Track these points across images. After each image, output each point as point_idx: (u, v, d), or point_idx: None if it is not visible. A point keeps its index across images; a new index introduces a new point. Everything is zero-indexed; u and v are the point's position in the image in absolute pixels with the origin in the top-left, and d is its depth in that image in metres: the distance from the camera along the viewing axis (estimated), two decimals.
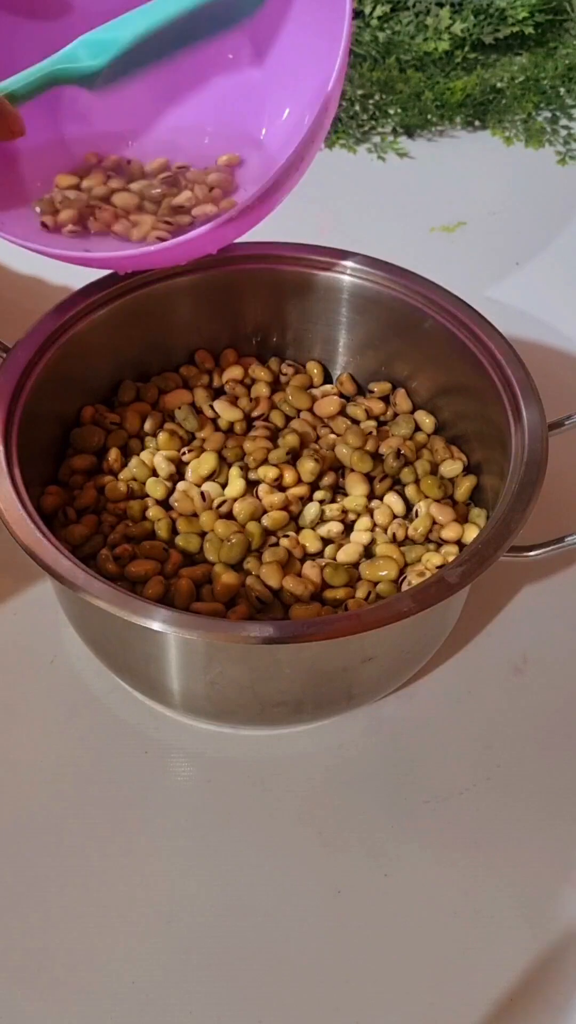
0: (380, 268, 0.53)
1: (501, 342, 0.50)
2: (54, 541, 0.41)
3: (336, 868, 0.45)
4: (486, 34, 0.81)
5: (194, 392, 0.54)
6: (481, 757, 0.48)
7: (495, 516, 0.43)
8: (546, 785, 0.48)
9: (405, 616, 0.40)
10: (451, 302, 0.51)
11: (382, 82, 0.79)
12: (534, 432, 0.46)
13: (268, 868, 0.45)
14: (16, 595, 0.53)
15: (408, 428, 0.54)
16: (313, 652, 0.42)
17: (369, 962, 0.43)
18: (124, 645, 0.45)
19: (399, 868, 0.45)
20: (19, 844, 0.45)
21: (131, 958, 0.42)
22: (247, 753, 0.48)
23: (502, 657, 0.52)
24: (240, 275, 0.53)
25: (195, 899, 0.44)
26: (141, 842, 0.45)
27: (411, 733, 0.49)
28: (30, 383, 0.47)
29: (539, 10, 0.81)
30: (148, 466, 0.51)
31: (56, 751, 0.48)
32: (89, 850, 0.45)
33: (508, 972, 0.42)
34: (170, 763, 0.48)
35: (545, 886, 0.45)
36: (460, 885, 0.45)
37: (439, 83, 0.79)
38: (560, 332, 0.67)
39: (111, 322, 0.51)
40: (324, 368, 0.57)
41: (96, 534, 0.48)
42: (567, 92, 0.82)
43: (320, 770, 0.48)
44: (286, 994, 0.42)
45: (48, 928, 0.43)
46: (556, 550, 0.46)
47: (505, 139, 0.81)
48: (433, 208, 0.76)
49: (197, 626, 0.39)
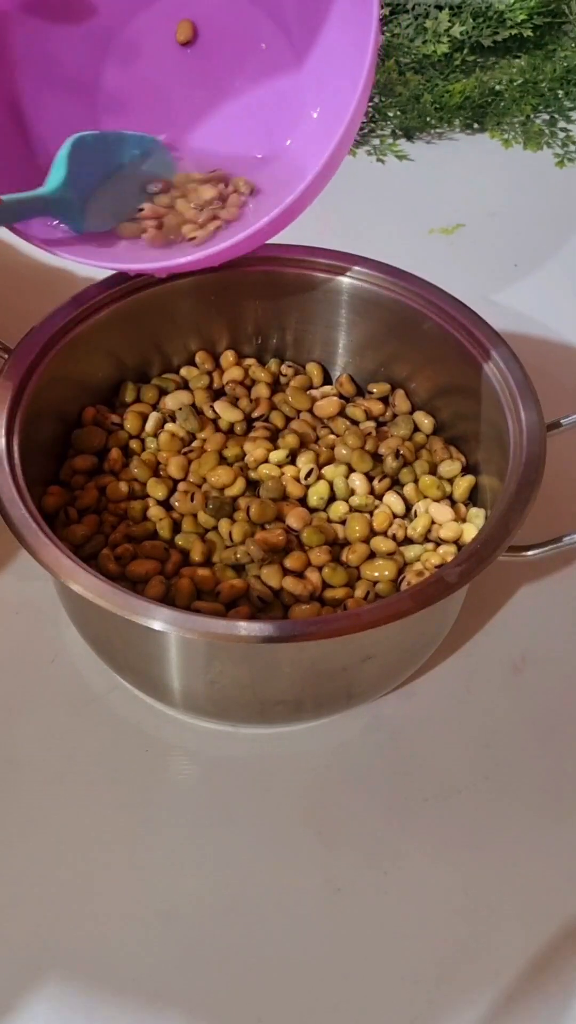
0: (379, 270, 0.53)
1: (499, 343, 0.50)
2: (56, 541, 0.42)
3: (336, 867, 0.45)
4: (485, 37, 0.81)
5: (194, 393, 0.55)
6: (480, 756, 0.48)
7: (493, 516, 0.44)
8: (545, 784, 0.48)
9: (404, 615, 0.40)
10: (450, 304, 0.52)
11: (381, 84, 0.80)
12: (532, 432, 0.46)
13: (268, 866, 0.45)
14: (17, 595, 0.53)
15: (407, 429, 0.54)
16: (313, 651, 0.42)
17: (369, 961, 0.43)
18: (125, 644, 0.45)
19: (399, 867, 0.45)
20: (19, 843, 0.45)
21: (131, 958, 0.43)
22: (247, 752, 0.48)
23: (501, 656, 0.52)
24: (240, 277, 0.54)
25: (195, 898, 0.44)
26: (141, 840, 0.46)
27: (410, 732, 0.49)
28: (32, 384, 0.48)
29: (538, 13, 0.82)
30: (149, 466, 0.51)
31: (57, 750, 0.48)
32: (89, 849, 0.45)
33: (508, 971, 0.43)
34: (171, 762, 0.48)
35: (544, 885, 0.45)
36: (460, 884, 0.45)
37: (438, 86, 0.80)
38: (558, 333, 0.67)
39: (112, 324, 0.52)
40: (324, 369, 0.57)
41: (97, 534, 0.48)
42: (565, 95, 0.82)
43: (320, 768, 0.48)
44: (286, 993, 0.42)
45: (48, 927, 0.43)
46: (554, 549, 0.46)
47: (504, 141, 0.81)
48: (432, 210, 0.76)
49: (198, 626, 0.39)
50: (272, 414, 0.54)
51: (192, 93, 0.53)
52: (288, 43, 0.51)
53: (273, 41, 0.51)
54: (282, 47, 0.51)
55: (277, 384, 0.56)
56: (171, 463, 0.51)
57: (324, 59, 0.49)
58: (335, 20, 0.48)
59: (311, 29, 0.49)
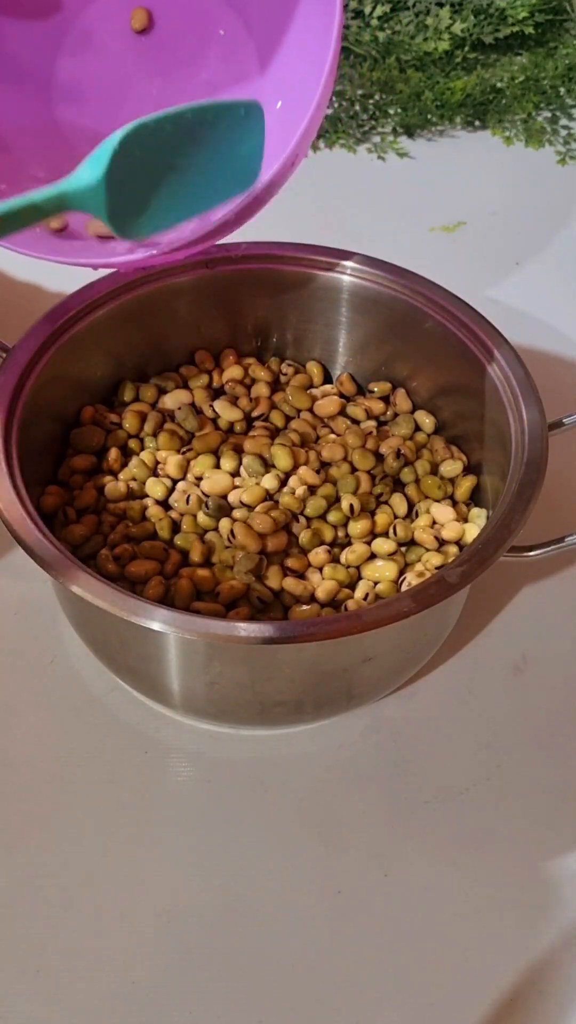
0: (380, 268, 0.53)
1: (501, 342, 0.50)
2: (54, 541, 0.41)
3: (336, 868, 0.45)
4: (486, 34, 0.81)
5: (194, 392, 0.54)
6: (481, 757, 0.48)
7: (495, 516, 0.43)
8: (546, 785, 0.48)
9: (405, 616, 0.40)
10: (451, 302, 0.51)
11: (382, 82, 0.79)
12: (534, 432, 0.46)
13: (268, 868, 0.45)
14: (16, 595, 0.53)
15: (408, 428, 0.54)
16: (313, 652, 0.42)
17: (369, 962, 0.43)
18: (124, 645, 0.45)
19: (399, 868, 0.45)
20: (19, 844, 0.45)
21: (131, 958, 0.42)
22: (247, 753, 0.48)
23: (502, 657, 0.52)
24: (240, 275, 0.53)
25: (195, 899, 0.44)
26: (141, 842, 0.45)
27: (411, 733, 0.49)
28: (30, 383, 0.47)
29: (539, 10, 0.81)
30: (148, 466, 0.51)
31: (56, 751, 0.48)
32: (89, 850, 0.45)
33: (508, 972, 0.42)
34: (170, 763, 0.48)
35: (545, 886, 0.45)
36: (460, 885, 0.45)
37: (439, 83, 0.79)
38: (560, 332, 0.67)
39: (111, 322, 0.51)
40: (324, 368, 0.57)
41: (96, 534, 0.48)
42: (567, 92, 0.82)
43: (320, 770, 0.48)
44: (286, 994, 0.42)
45: (48, 928, 0.43)
46: (556, 550, 0.46)
47: (505, 139, 0.81)
48: (433, 208, 0.76)
49: (197, 627, 0.39)
50: (272, 413, 0.54)
51: (150, 83, 0.52)
52: (247, 30, 0.49)
53: (231, 28, 0.50)
54: (241, 34, 0.49)
55: (277, 383, 0.56)
56: (170, 463, 0.51)
57: (286, 47, 0.48)
58: (296, 4, 0.47)
59: (271, 14, 0.48)
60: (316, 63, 0.43)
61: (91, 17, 0.50)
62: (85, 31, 0.51)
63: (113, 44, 0.51)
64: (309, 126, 0.43)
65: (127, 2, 0.50)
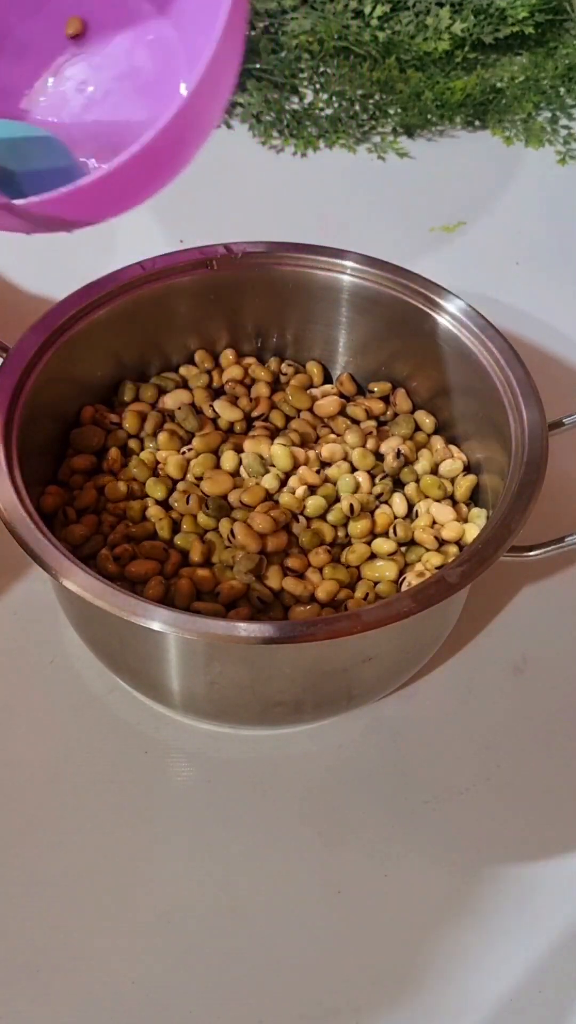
0: (380, 268, 0.53)
1: (501, 342, 0.50)
2: (54, 541, 0.41)
3: (336, 868, 0.45)
4: (486, 34, 0.81)
5: (194, 392, 0.54)
6: (481, 757, 0.48)
7: (495, 516, 0.43)
8: (546, 785, 0.48)
9: (405, 616, 0.40)
10: (451, 302, 0.51)
11: (382, 82, 0.79)
12: (534, 432, 0.46)
13: (268, 868, 0.45)
14: (16, 595, 0.53)
15: (408, 428, 0.54)
16: (313, 652, 0.42)
17: (369, 962, 0.43)
18: (124, 645, 0.45)
19: (399, 868, 0.45)
20: (19, 844, 0.45)
21: (131, 958, 0.42)
22: (247, 753, 0.48)
23: (502, 657, 0.52)
24: (240, 275, 0.53)
25: (195, 899, 0.44)
26: (141, 842, 0.45)
27: (411, 733, 0.49)
28: (30, 383, 0.47)
29: (539, 10, 0.81)
30: (148, 466, 0.51)
31: (56, 751, 0.48)
32: (89, 850, 0.45)
33: (508, 972, 0.42)
34: (170, 763, 0.48)
35: (545, 886, 0.45)
36: (460, 885, 0.45)
37: (439, 83, 0.79)
38: (560, 332, 0.67)
39: (111, 322, 0.51)
40: (324, 368, 0.57)
41: (96, 534, 0.48)
42: (567, 92, 0.82)
43: (320, 770, 0.48)
44: (286, 994, 0.42)
45: (48, 928, 0.43)
46: (556, 550, 0.46)
47: (505, 139, 0.81)
48: (433, 208, 0.76)
49: (197, 626, 0.39)
50: (272, 413, 0.54)
51: (85, 79, 0.52)
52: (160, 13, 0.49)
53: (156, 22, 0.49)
54: (157, 17, 0.49)
55: (277, 383, 0.56)
56: (170, 462, 0.51)
57: (194, 29, 0.48)
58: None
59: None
60: (208, 44, 0.42)
61: (30, 29, 0.50)
62: (23, 41, 0.51)
63: (49, 50, 0.51)
64: (185, 108, 0.42)
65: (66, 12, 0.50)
